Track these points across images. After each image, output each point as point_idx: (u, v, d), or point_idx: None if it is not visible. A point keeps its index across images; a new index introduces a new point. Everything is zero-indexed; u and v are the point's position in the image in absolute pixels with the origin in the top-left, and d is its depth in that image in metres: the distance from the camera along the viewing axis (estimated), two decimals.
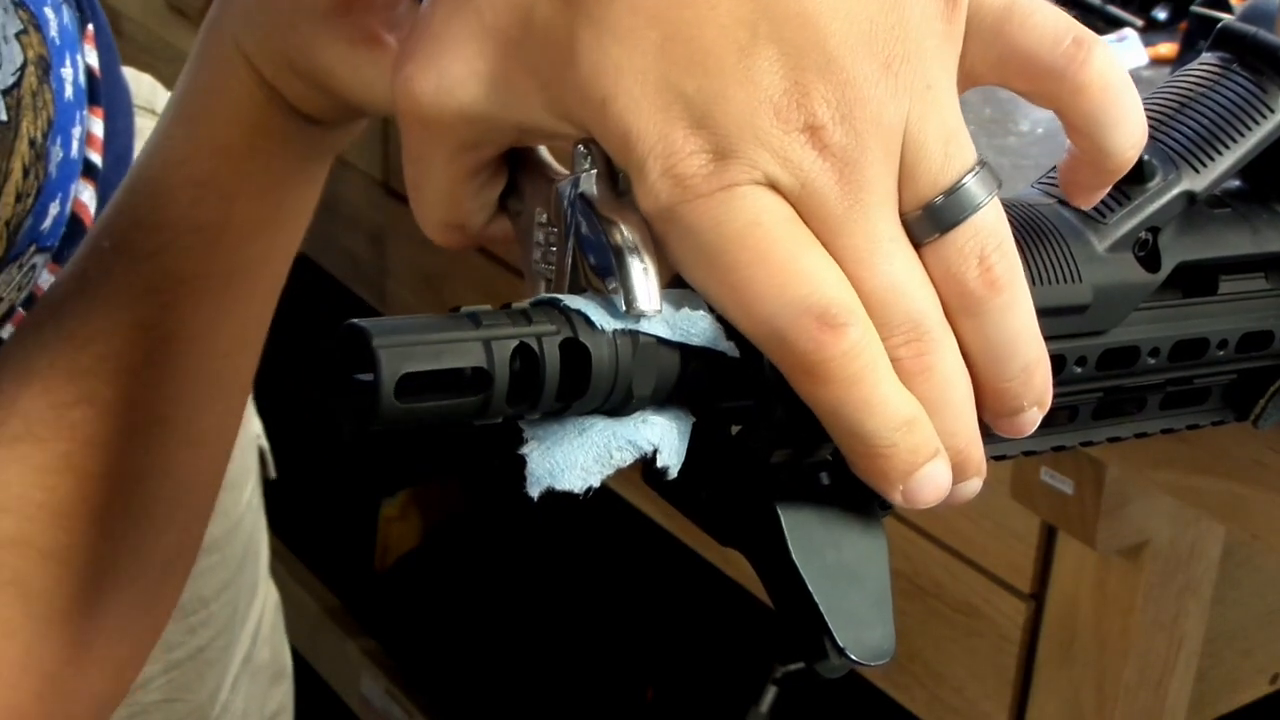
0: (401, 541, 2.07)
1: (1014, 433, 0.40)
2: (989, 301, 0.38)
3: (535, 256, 0.42)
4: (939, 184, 0.37)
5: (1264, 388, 0.48)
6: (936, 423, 0.38)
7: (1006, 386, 0.39)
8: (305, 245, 0.57)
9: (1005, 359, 0.39)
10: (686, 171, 0.36)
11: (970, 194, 0.38)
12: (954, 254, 0.38)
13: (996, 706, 1.16)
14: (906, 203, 0.37)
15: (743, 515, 0.40)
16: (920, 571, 1.19)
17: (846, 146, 0.36)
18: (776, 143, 0.36)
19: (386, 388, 0.34)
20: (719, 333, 0.38)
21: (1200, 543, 1.05)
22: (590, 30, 0.37)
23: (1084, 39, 0.39)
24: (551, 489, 0.37)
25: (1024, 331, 0.39)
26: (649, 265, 0.37)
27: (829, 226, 0.37)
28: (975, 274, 0.38)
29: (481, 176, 0.43)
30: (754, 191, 0.36)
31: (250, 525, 0.94)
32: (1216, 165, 0.44)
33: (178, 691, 0.89)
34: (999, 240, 0.38)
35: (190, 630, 0.89)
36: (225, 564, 0.90)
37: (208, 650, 0.90)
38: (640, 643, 1.87)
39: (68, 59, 0.65)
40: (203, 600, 0.89)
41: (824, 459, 0.40)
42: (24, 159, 0.62)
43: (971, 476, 0.40)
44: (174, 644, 0.88)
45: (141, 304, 0.52)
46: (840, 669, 0.38)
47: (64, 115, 0.64)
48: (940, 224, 0.37)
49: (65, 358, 0.52)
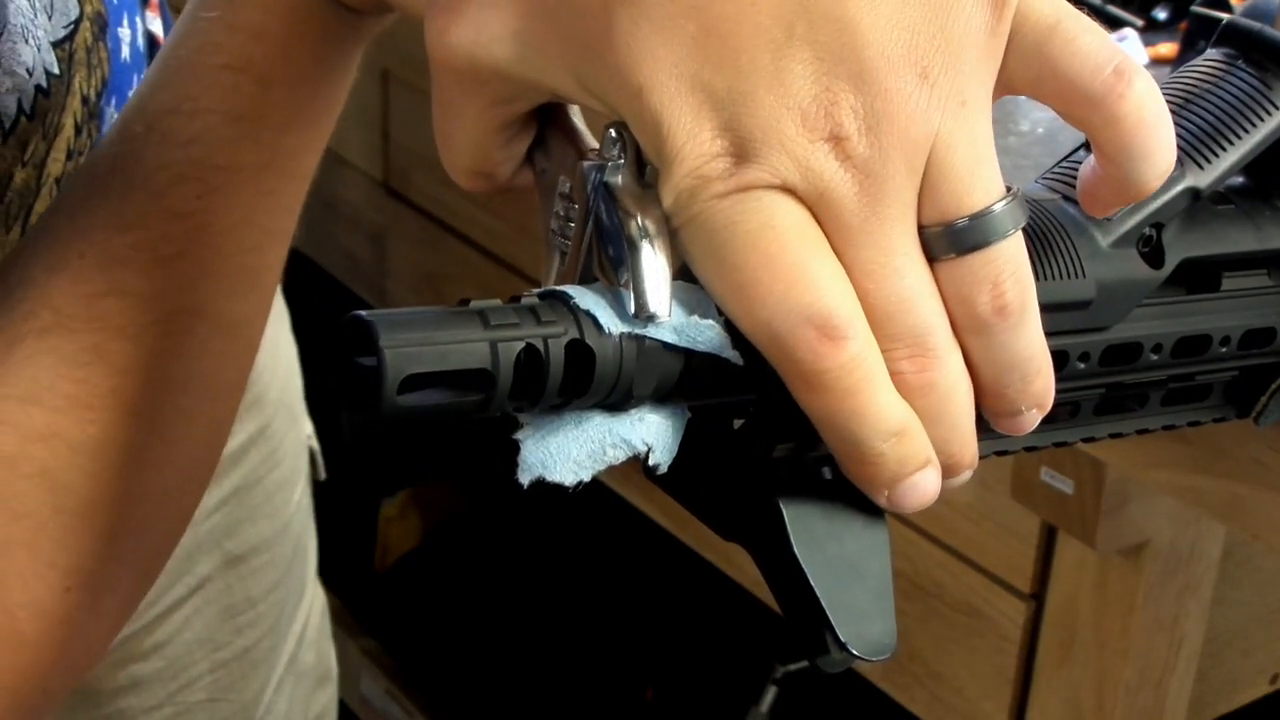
0: (401, 541, 2.07)
1: (1013, 431, 0.41)
2: (996, 326, 0.38)
3: (553, 225, 0.42)
4: (963, 205, 0.37)
5: (1265, 385, 0.48)
6: (933, 432, 0.38)
7: (1006, 393, 0.39)
8: (305, 245, 0.56)
9: (1007, 372, 0.39)
10: (710, 174, 0.36)
11: (996, 222, 0.37)
12: (968, 277, 0.38)
13: (996, 706, 1.16)
14: (926, 215, 0.37)
15: (745, 509, 0.40)
16: (920, 571, 1.19)
17: (870, 159, 0.36)
18: (800, 150, 0.36)
19: (389, 386, 0.34)
20: (725, 341, 0.38)
21: (1200, 543, 1.05)
22: (628, 13, 0.36)
23: (1125, 70, 0.38)
24: (542, 479, 0.37)
25: (1028, 349, 0.39)
26: (662, 266, 0.37)
27: (844, 236, 0.37)
28: (986, 300, 0.38)
29: (511, 129, 0.43)
30: (771, 195, 0.36)
31: (300, 526, 0.94)
32: (1220, 162, 0.44)
33: (223, 692, 0.88)
34: (1015, 268, 0.38)
35: (238, 630, 0.88)
36: (275, 564, 0.90)
37: (254, 651, 0.89)
38: (640, 643, 1.87)
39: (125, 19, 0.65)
40: (251, 601, 0.88)
41: (826, 453, 0.40)
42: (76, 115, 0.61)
43: (963, 472, 0.40)
44: (221, 644, 0.87)
45: (175, 192, 0.51)
46: (842, 664, 0.38)
47: (120, 76, 0.64)
48: (959, 246, 0.37)
49: (96, 246, 0.51)
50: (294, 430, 0.93)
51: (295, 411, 0.93)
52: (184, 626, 0.85)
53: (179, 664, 0.86)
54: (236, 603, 0.87)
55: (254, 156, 0.52)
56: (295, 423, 0.93)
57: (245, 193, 0.52)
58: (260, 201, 0.53)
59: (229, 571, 0.87)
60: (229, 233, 0.52)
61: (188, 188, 0.51)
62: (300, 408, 0.95)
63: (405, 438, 1.97)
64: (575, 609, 1.94)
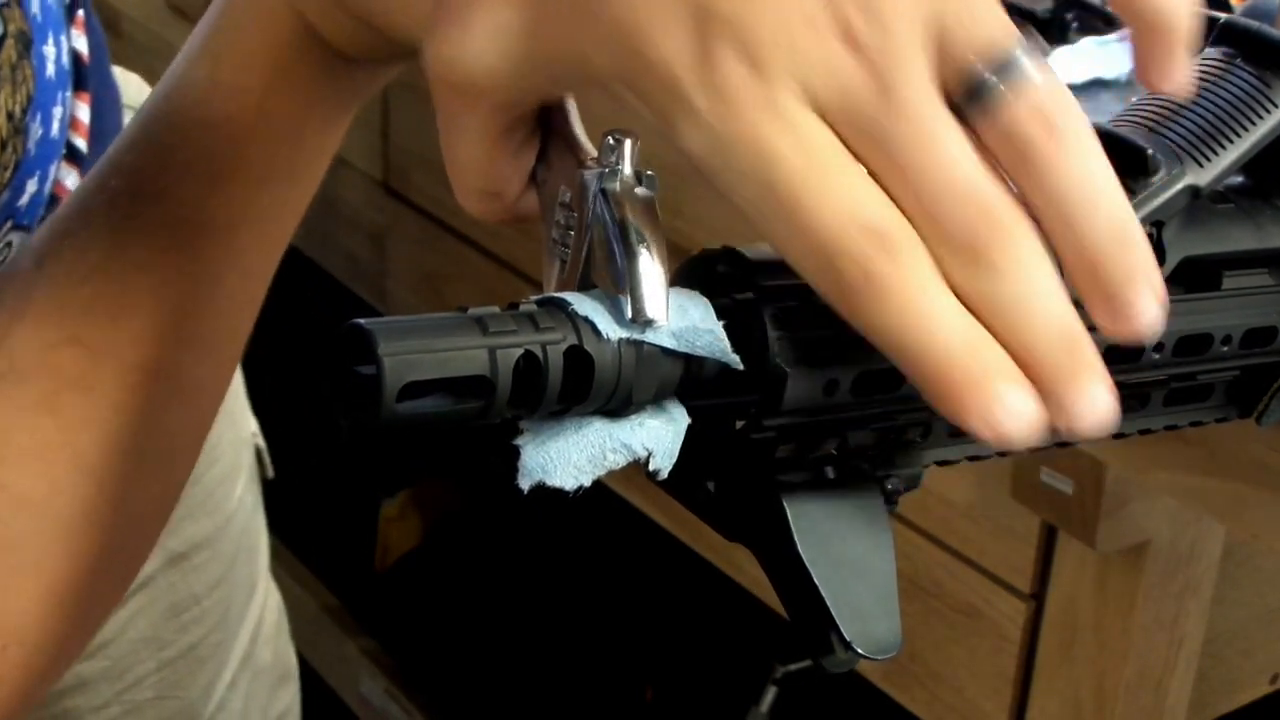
0: (401, 541, 2.07)
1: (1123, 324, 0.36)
2: (1053, 150, 0.36)
3: (553, 234, 0.42)
4: (983, 57, 0.36)
5: (1267, 384, 0.48)
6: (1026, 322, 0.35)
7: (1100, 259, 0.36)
8: (305, 245, 0.56)
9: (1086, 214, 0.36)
10: (729, 85, 0.36)
11: (1020, 64, 0.36)
12: (1009, 117, 0.36)
13: (996, 706, 1.16)
14: (951, 82, 0.36)
15: (748, 510, 0.40)
16: (920, 571, 1.19)
17: (882, 43, 0.36)
18: (817, 55, 0.36)
19: (389, 394, 0.34)
20: (725, 345, 0.38)
21: (1200, 543, 1.05)
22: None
23: None
24: (543, 484, 0.37)
25: (1103, 179, 0.36)
26: (660, 271, 0.37)
27: (875, 127, 0.36)
28: (1035, 128, 0.36)
29: (517, 137, 0.43)
30: (799, 109, 0.36)
31: (243, 523, 0.94)
32: (1220, 160, 0.44)
33: (170, 689, 0.89)
34: (1059, 95, 0.36)
35: (182, 628, 0.88)
36: (217, 559, 0.90)
37: (200, 647, 0.90)
38: (640, 643, 1.87)
39: (50, 37, 0.65)
40: (195, 597, 0.89)
41: (829, 453, 0.40)
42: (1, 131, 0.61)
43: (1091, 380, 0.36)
44: (166, 641, 0.87)
45: (143, 246, 0.50)
46: (847, 663, 0.38)
47: (44, 93, 0.63)
48: (989, 92, 0.36)
49: (57, 295, 0.50)
50: (232, 429, 0.92)
51: (231, 408, 0.93)
52: (128, 625, 0.86)
53: (124, 663, 0.86)
54: (180, 600, 0.87)
55: (225, 214, 0.51)
56: (234, 422, 0.93)
57: (214, 250, 0.51)
58: (230, 261, 0.52)
59: (172, 569, 0.87)
60: (193, 292, 0.51)
61: (155, 241, 0.50)
62: (239, 406, 0.95)
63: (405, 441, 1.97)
64: (575, 609, 1.94)
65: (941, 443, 0.44)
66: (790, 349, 0.38)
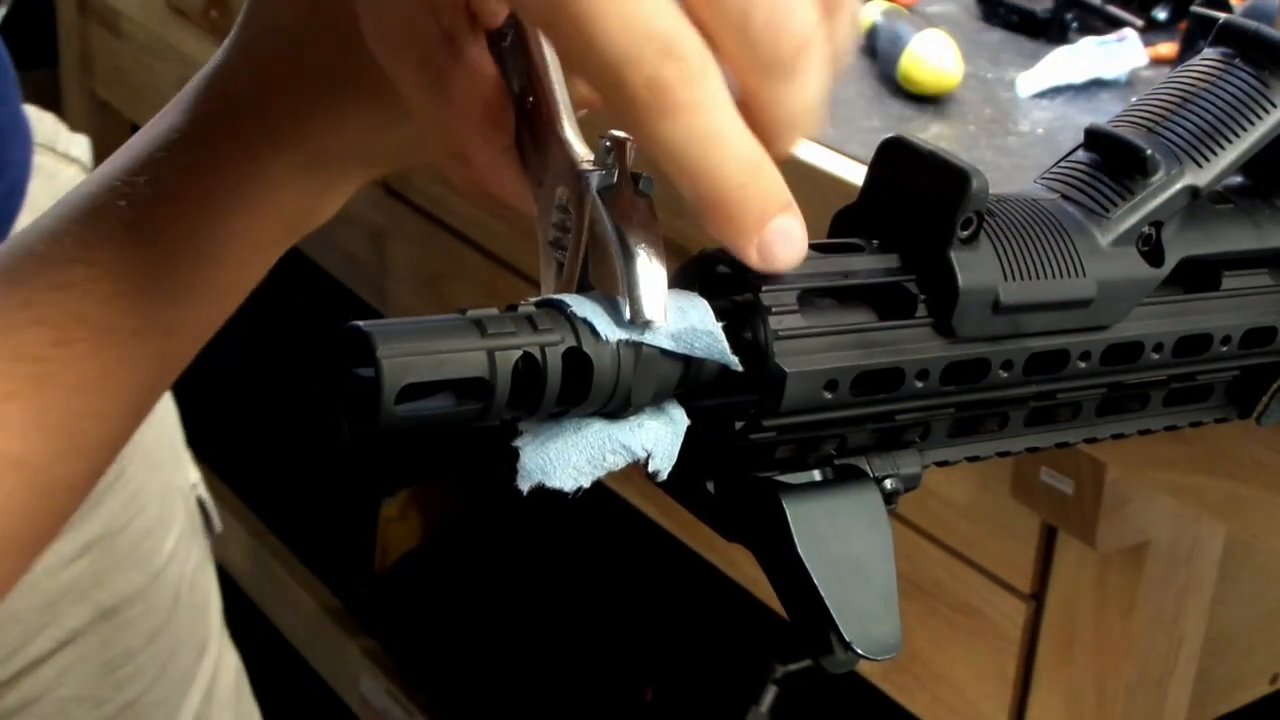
0: (401, 541, 2.07)
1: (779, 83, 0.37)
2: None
3: (550, 236, 0.42)
4: None
5: (1266, 385, 0.49)
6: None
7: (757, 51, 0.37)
8: (305, 245, 0.55)
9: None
10: None
11: None
12: None
13: (996, 706, 1.16)
14: None
15: (748, 510, 0.40)
16: (920, 571, 1.19)
17: None
18: None
19: (388, 396, 0.34)
20: (723, 346, 0.38)
21: (1200, 543, 1.05)
22: None
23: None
24: (542, 485, 0.37)
25: None
26: (658, 272, 0.38)
27: None
28: None
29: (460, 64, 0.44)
30: None
31: (180, 576, 0.91)
32: (1219, 160, 0.45)
33: None
34: None
35: (118, 685, 0.86)
36: (151, 613, 0.88)
37: (138, 705, 0.87)
38: (640, 643, 1.87)
39: None
40: (129, 652, 0.87)
41: (828, 453, 0.40)
42: None
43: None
44: (102, 699, 0.85)
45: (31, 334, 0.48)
46: (847, 664, 0.39)
47: None
48: None
49: None
50: (157, 476, 0.90)
51: (158, 458, 0.91)
52: (57, 683, 0.83)
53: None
54: (114, 656, 0.85)
55: (128, 321, 0.49)
56: (158, 469, 0.90)
57: (106, 355, 0.49)
58: (122, 369, 0.50)
59: (103, 624, 0.85)
60: (75, 391, 0.49)
61: (45, 332, 0.48)
62: (168, 455, 0.92)
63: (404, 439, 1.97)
64: (575, 609, 1.94)
65: (941, 443, 0.44)
66: (789, 350, 0.39)
